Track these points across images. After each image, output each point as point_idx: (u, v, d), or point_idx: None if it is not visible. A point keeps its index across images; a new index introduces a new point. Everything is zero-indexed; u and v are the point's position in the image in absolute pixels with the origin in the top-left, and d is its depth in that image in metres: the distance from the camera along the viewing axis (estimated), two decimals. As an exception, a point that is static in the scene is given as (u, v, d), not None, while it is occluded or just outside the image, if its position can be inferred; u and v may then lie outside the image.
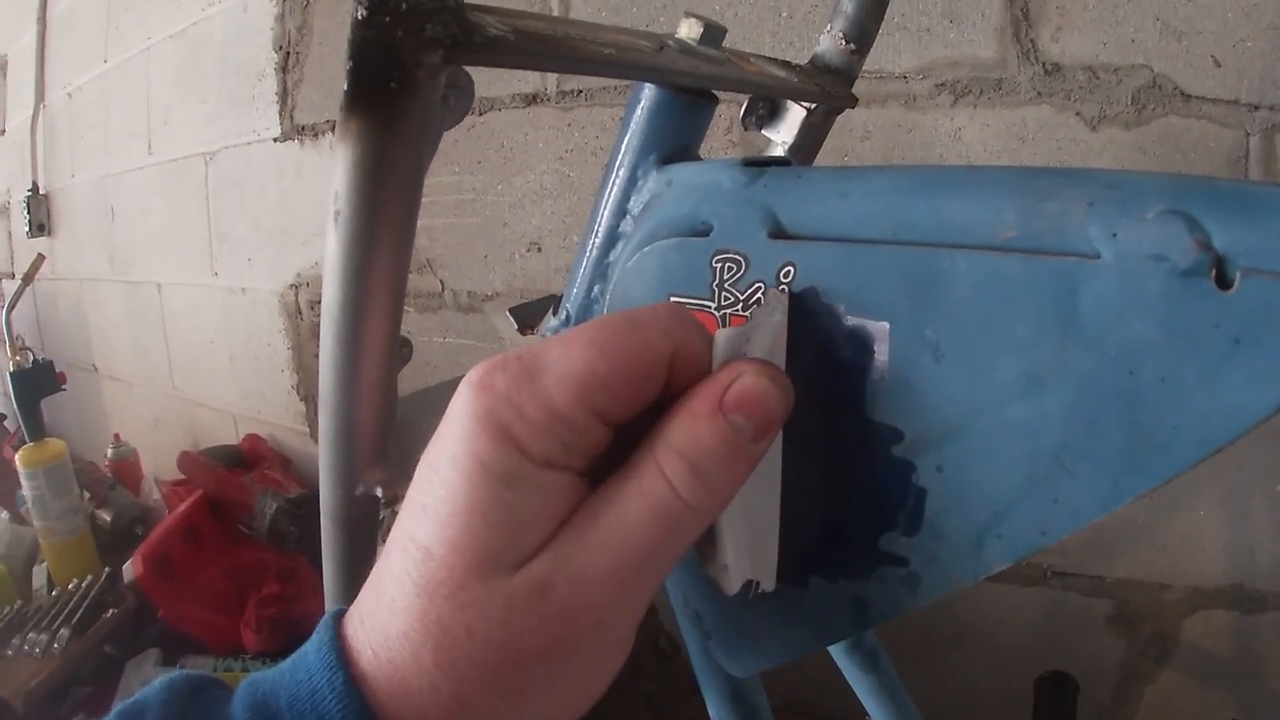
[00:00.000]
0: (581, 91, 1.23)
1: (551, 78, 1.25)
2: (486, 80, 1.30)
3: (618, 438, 0.28)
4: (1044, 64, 0.92)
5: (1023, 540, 0.28)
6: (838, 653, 0.64)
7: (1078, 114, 0.91)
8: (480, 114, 1.33)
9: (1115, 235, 0.25)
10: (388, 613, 0.27)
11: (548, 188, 1.30)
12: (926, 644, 1.13)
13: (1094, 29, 0.88)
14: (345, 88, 0.27)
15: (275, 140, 1.72)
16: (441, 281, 1.46)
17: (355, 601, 0.29)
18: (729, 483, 0.28)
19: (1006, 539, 0.29)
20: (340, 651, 0.27)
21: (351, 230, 0.32)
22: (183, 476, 1.77)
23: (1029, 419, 0.27)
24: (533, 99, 1.28)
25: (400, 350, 0.41)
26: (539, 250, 1.33)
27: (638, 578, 0.27)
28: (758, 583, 0.31)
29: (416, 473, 0.28)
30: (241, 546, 1.60)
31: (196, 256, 2.03)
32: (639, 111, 0.42)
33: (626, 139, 0.42)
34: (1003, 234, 0.28)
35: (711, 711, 0.46)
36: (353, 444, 0.40)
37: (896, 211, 0.30)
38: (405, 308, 0.41)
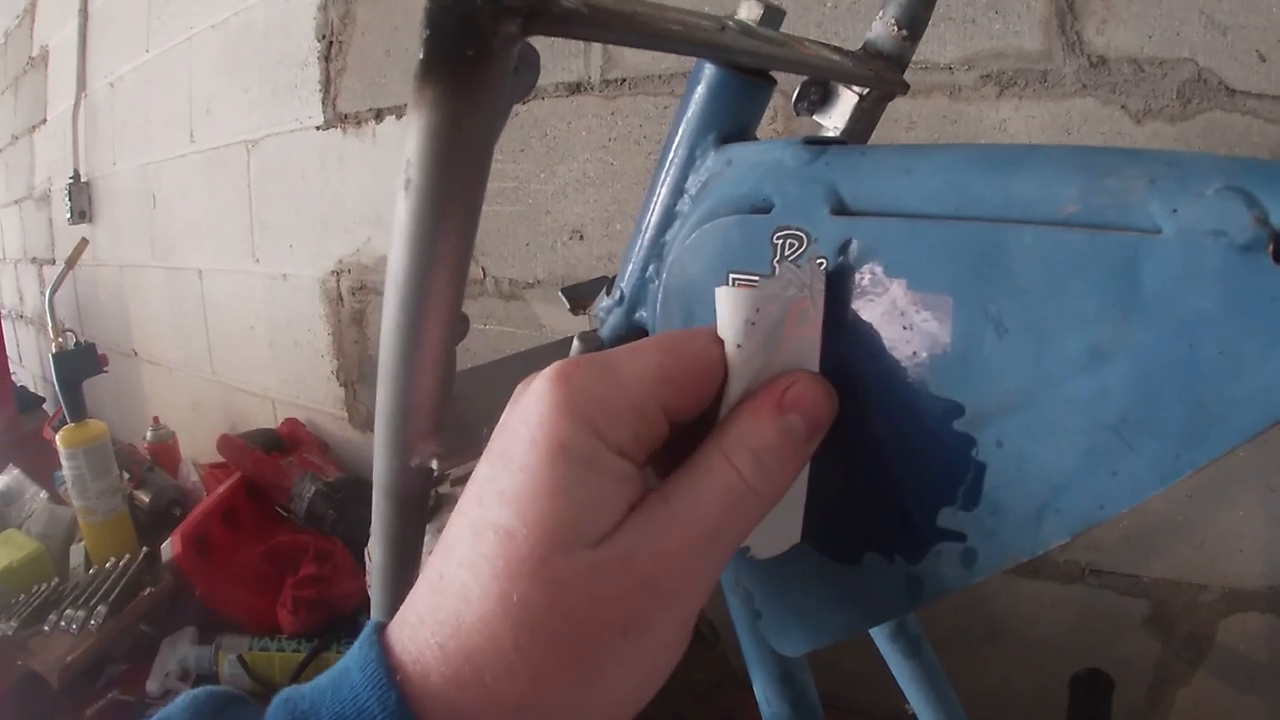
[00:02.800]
0: (625, 80, 1.23)
1: (595, 67, 1.25)
2: (530, 69, 1.30)
3: (674, 439, 0.31)
4: (1089, 56, 0.91)
5: (1081, 514, 0.29)
6: (880, 639, 0.64)
7: (1123, 107, 0.90)
8: (524, 102, 1.33)
9: (1175, 211, 0.26)
10: (459, 601, 0.28)
11: (590, 176, 1.30)
12: (962, 640, 1.13)
13: (1139, 22, 0.88)
14: (420, 55, 0.28)
15: (318, 128, 1.74)
16: (483, 269, 1.47)
17: (403, 609, 0.30)
18: (785, 474, 0.31)
19: (1065, 513, 0.29)
20: (389, 669, 0.28)
21: (422, 198, 0.32)
22: (220, 460, 1.80)
23: (1090, 392, 0.27)
24: (576, 88, 1.28)
25: (457, 325, 0.42)
26: (581, 238, 1.34)
27: (709, 554, 0.29)
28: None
29: (484, 466, 0.30)
30: (279, 528, 1.61)
31: (237, 243, 2.06)
32: (699, 91, 0.42)
33: (685, 119, 0.43)
34: (1065, 209, 0.28)
35: (758, 692, 0.46)
36: (410, 415, 0.41)
37: (960, 187, 0.31)
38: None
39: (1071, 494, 0.28)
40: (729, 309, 0.31)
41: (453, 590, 0.28)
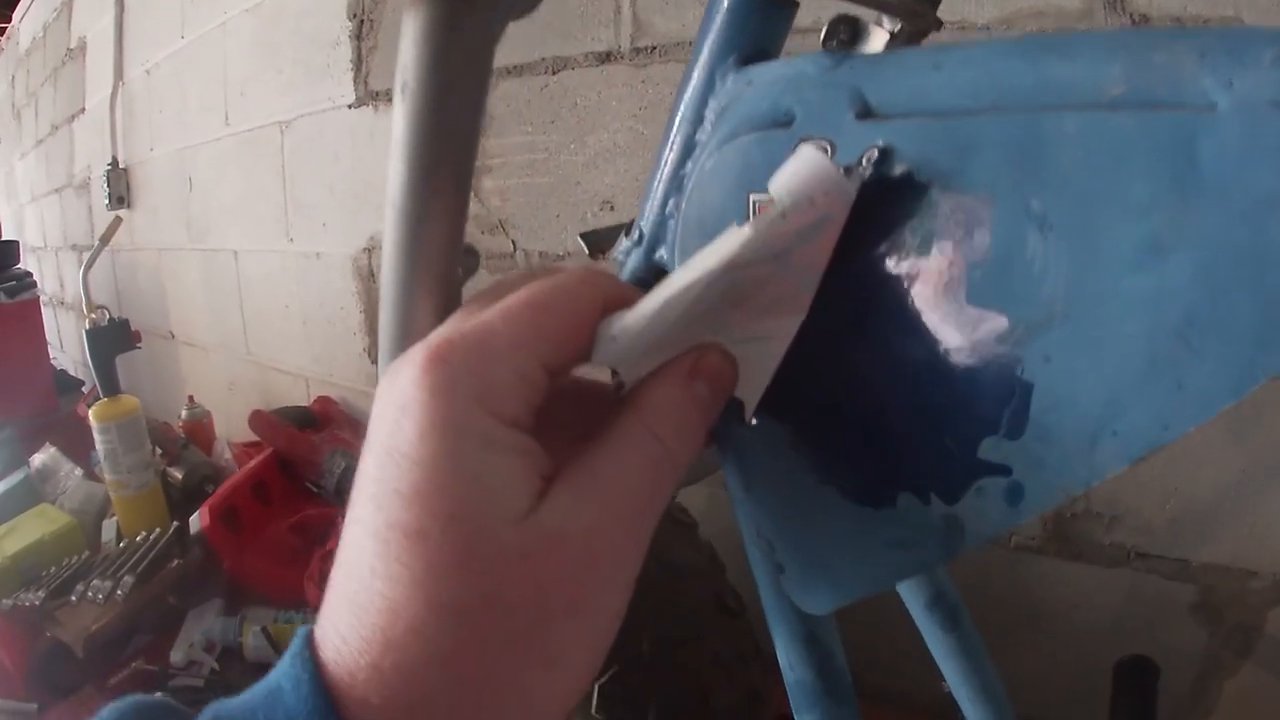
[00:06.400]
0: (655, 48, 1.21)
1: (625, 35, 1.23)
2: (560, 39, 1.29)
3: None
4: (1131, 14, 0.87)
5: (1142, 436, 0.25)
6: (916, 609, 0.60)
7: (1171, 68, 0.86)
8: (553, 73, 1.32)
9: (1231, 83, 0.23)
10: (383, 615, 0.25)
11: (621, 146, 1.28)
12: (1003, 624, 1.10)
13: (1182, -21, 0.84)
14: (416, -51, 0.26)
15: (350, 107, 1.74)
16: (514, 242, 1.45)
17: (324, 624, 0.27)
18: (698, 435, 0.31)
19: (1123, 436, 0.25)
20: (326, 694, 0.25)
21: (419, 102, 0.30)
22: (255, 438, 1.81)
23: (1148, 292, 0.24)
24: (606, 57, 1.26)
25: (466, 259, 0.40)
26: (611, 209, 1.31)
27: (643, 521, 0.29)
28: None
29: (369, 465, 0.27)
30: (309, 503, 1.61)
31: (272, 223, 2.08)
32: (720, 11, 0.39)
33: (706, 42, 0.40)
34: (1111, 91, 0.25)
35: (781, 657, 0.43)
36: (412, 343, 0.38)
37: (995, 77, 0.28)
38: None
39: (1131, 413, 0.25)
40: (808, 165, 0.29)
41: (373, 605, 0.25)
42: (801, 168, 0.29)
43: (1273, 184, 0.22)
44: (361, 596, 0.26)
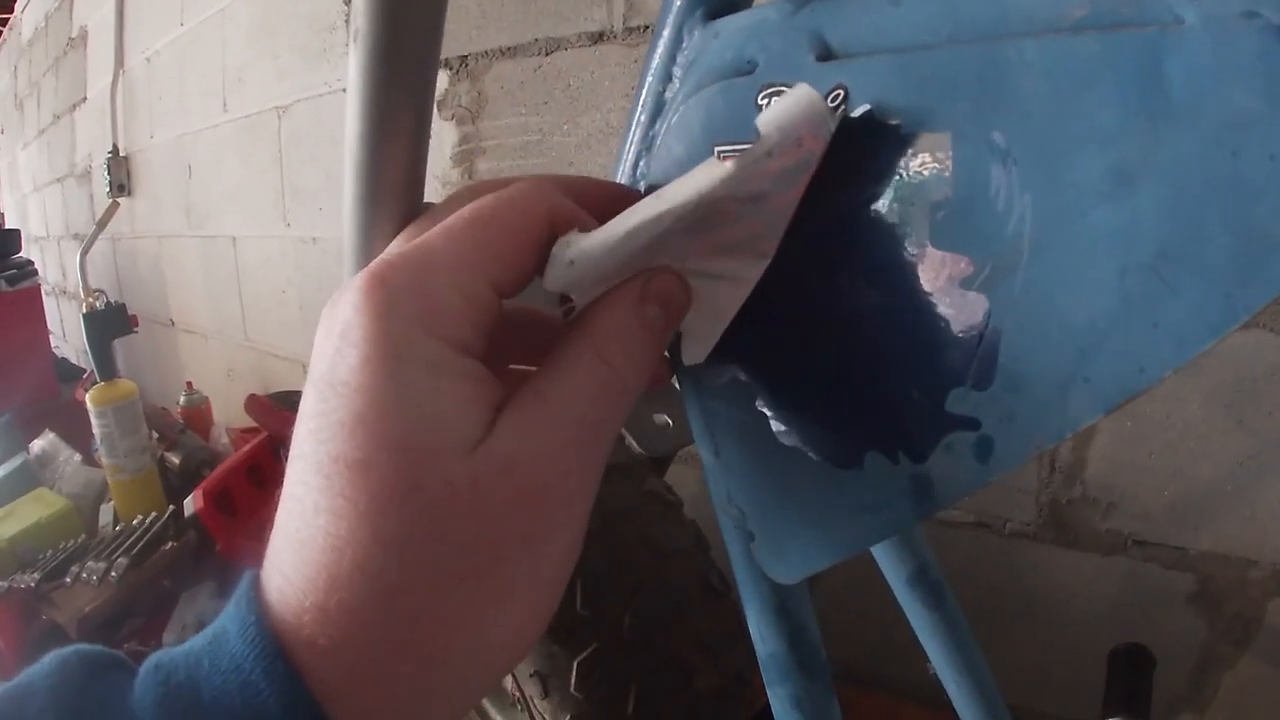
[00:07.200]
0: (648, 27, 1.19)
1: (618, 15, 1.21)
2: (553, 20, 1.28)
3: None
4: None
5: (1116, 382, 0.23)
6: (898, 585, 0.59)
7: None
8: (546, 54, 1.30)
9: None
10: (326, 553, 0.24)
11: (614, 127, 1.27)
12: (997, 612, 1.08)
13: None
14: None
15: (345, 91, 1.72)
16: (507, 226, 1.44)
17: (267, 567, 0.26)
18: (648, 360, 0.30)
19: (1095, 382, 0.24)
20: (273, 637, 0.24)
21: (372, 46, 0.29)
22: (253, 425, 1.80)
23: (1118, 225, 0.23)
24: (599, 37, 1.25)
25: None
26: (606, 190, 1.30)
27: (594, 447, 0.28)
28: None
29: (310, 399, 0.26)
30: (304, 488, 1.60)
31: (269, 208, 2.08)
32: (686, -36, 0.38)
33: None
34: (1072, 15, 0.23)
35: (752, 629, 0.42)
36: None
37: (953, 9, 0.26)
38: None
39: (1103, 357, 0.24)
40: (804, 102, 0.27)
41: (316, 542, 0.24)
42: (796, 105, 0.27)
43: (1246, 103, 0.20)
44: (304, 534, 0.25)
